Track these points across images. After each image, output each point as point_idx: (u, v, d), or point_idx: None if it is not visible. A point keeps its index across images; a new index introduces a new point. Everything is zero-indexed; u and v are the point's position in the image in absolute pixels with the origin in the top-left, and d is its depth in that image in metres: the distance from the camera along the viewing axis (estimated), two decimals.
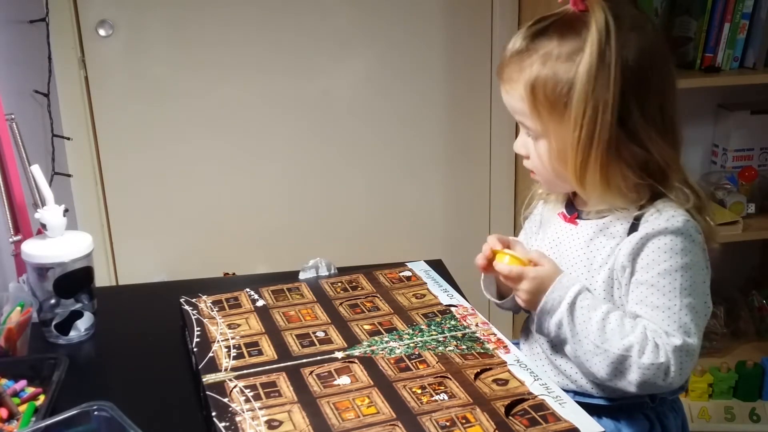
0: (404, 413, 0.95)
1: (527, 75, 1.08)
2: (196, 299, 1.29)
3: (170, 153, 2.39)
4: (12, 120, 1.44)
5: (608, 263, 1.11)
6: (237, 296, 1.29)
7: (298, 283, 1.35)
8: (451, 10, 2.40)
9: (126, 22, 2.28)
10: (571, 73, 1.04)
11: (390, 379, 1.03)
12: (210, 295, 1.30)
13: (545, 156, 1.12)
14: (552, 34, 1.07)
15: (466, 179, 2.54)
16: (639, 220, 1.10)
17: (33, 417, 1.01)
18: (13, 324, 1.17)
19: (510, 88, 1.12)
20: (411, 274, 1.37)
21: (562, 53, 1.05)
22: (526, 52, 1.08)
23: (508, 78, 1.11)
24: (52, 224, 1.24)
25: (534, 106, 1.08)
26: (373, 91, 2.43)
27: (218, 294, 1.30)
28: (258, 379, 1.04)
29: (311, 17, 2.34)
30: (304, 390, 1.01)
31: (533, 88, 1.07)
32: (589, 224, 1.16)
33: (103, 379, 1.16)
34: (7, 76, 1.70)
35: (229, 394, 1.00)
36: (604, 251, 1.12)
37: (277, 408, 0.97)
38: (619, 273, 1.10)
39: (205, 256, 2.44)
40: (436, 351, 1.10)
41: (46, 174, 1.69)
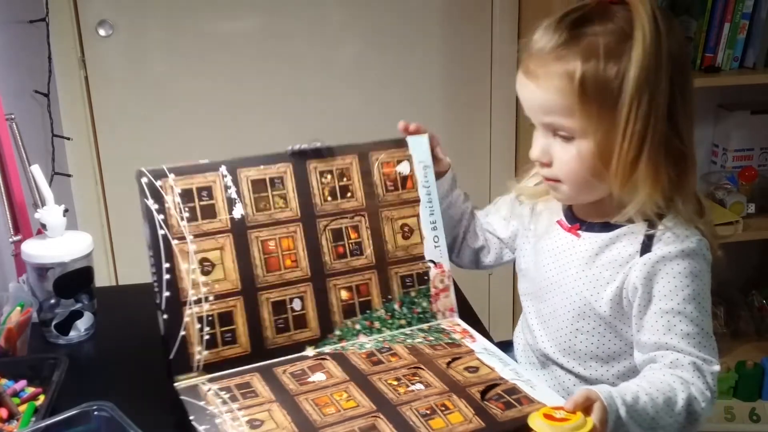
0: (384, 405, 0.96)
1: (572, 68, 1.00)
2: (161, 182, 1.19)
3: (170, 153, 2.38)
4: (12, 120, 1.44)
5: (616, 280, 1.07)
6: (210, 186, 1.15)
7: (283, 167, 1.19)
8: (451, 10, 2.39)
9: (126, 22, 2.28)
10: (622, 63, 0.99)
11: (364, 373, 1.03)
12: (178, 177, 1.18)
13: (585, 157, 1.03)
14: (591, 25, 1.01)
15: (466, 179, 2.53)
16: (651, 238, 1.06)
17: (33, 417, 1.01)
18: (13, 324, 1.17)
19: (545, 84, 1.03)
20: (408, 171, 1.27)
21: (610, 43, 0.99)
22: (565, 45, 1.01)
23: (544, 73, 1.02)
24: (52, 224, 1.24)
25: (583, 102, 1.00)
26: (372, 91, 2.43)
27: (187, 178, 1.18)
28: (232, 380, 1.03)
29: (311, 17, 2.34)
30: (280, 389, 1.01)
31: (582, 81, 0.99)
32: (594, 238, 1.11)
33: (103, 379, 1.16)
34: (7, 76, 1.70)
35: (205, 397, 0.99)
36: (611, 267, 1.08)
37: (256, 408, 0.97)
38: (630, 292, 1.06)
39: None
40: (405, 343, 1.11)
41: (46, 174, 1.68)
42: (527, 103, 1.08)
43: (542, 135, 1.08)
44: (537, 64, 1.03)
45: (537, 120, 1.08)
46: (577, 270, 1.12)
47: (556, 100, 1.02)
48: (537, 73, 1.03)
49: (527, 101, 1.07)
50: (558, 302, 1.14)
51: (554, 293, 1.15)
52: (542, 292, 1.17)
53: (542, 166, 1.10)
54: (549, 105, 1.04)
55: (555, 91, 1.02)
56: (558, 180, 1.08)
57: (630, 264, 1.06)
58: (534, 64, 1.04)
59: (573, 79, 1.00)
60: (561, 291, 1.14)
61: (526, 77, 1.05)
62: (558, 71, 1.01)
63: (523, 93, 1.07)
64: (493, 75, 2.43)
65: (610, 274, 1.08)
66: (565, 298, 1.13)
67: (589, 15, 1.02)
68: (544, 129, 1.07)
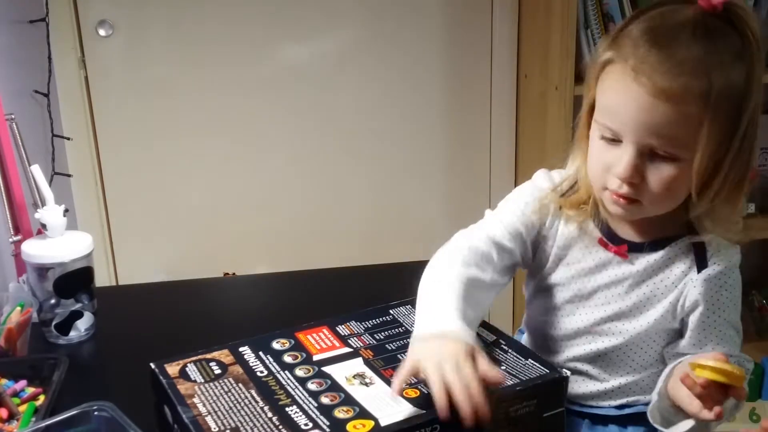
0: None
1: (706, 84, 0.93)
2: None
3: (170, 153, 2.40)
4: (12, 120, 1.44)
5: (669, 297, 1.08)
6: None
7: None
8: (451, 10, 2.39)
9: (126, 22, 2.28)
10: (742, 77, 0.95)
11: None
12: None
13: (685, 177, 0.98)
14: (711, 33, 0.95)
15: (466, 179, 2.54)
16: (702, 251, 1.06)
17: (33, 417, 1.01)
18: (13, 324, 1.17)
19: (678, 108, 0.94)
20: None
21: (728, 59, 0.94)
22: (696, 59, 0.94)
23: (679, 92, 0.93)
24: (52, 224, 1.24)
25: (713, 117, 0.94)
26: (373, 91, 2.43)
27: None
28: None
29: (312, 18, 2.34)
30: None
31: (717, 95, 0.93)
32: (646, 260, 1.08)
33: (103, 380, 1.16)
34: (7, 76, 1.70)
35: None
36: (663, 286, 1.08)
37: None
38: (686, 309, 1.07)
39: (206, 256, 2.44)
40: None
41: (46, 174, 1.68)
42: (642, 122, 0.96)
43: (637, 154, 0.98)
44: (672, 86, 0.94)
45: (639, 140, 0.97)
46: (624, 291, 1.10)
47: (683, 122, 0.95)
48: (669, 93, 0.94)
49: (642, 120, 0.96)
50: (597, 319, 1.13)
51: (594, 311, 1.13)
52: (577, 310, 1.14)
53: (628, 185, 1.00)
54: (674, 127, 0.96)
55: (685, 114, 0.95)
56: (638, 200, 1.01)
57: (685, 281, 1.07)
58: (668, 84, 0.94)
59: (709, 95, 0.94)
60: (603, 309, 1.12)
61: (655, 97, 0.94)
62: (693, 89, 0.93)
63: (639, 112, 0.96)
64: (493, 75, 2.43)
65: (662, 293, 1.08)
66: (607, 315, 1.12)
67: (694, 28, 0.95)
68: (643, 147, 0.98)
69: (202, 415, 0.89)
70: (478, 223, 1.16)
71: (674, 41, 0.95)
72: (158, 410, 0.98)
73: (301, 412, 0.90)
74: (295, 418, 0.88)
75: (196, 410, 0.90)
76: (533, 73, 2.29)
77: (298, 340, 1.06)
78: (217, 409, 0.90)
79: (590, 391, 1.15)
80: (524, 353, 1.00)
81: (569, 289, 1.14)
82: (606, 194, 1.04)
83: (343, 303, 1.16)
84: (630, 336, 1.11)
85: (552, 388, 0.94)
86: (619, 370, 1.14)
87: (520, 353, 1.00)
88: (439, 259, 1.09)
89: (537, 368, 0.96)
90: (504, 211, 1.15)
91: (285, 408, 0.90)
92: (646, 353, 1.12)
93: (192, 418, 0.88)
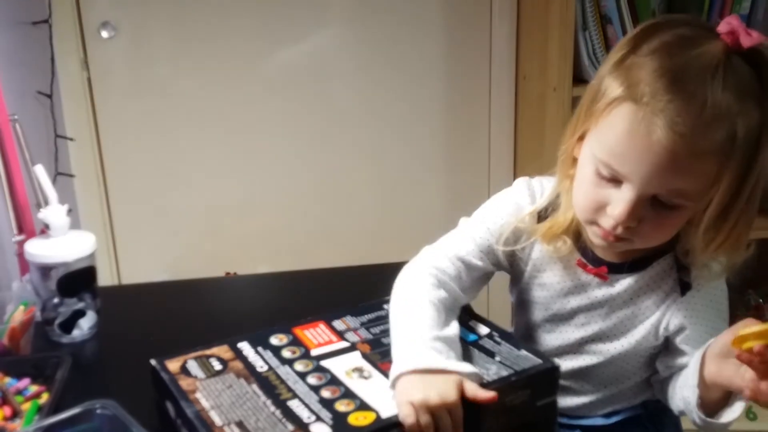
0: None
1: (730, 135, 0.87)
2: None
3: (173, 153, 2.40)
4: (15, 121, 1.44)
5: (650, 320, 1.06)
6: None
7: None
8: (450, 13, 2.40)
9: (128, 23, 2.29)
10: (758, 122, 0.89)
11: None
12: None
13: (683, 221, 0.96)
14: (736, 84, 0.88)
15: (466, 180, 2.54)
16: (685, 271, 1.03)
17: (36, 415, 1.01)
18: (17, 323, 1.17)
19: (709, 158, 0.88)
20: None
21: (751, 106, 0.89)
22: (718, 111, 0.87)
23: (695, 147, 0.87)
24: (55, 224, 1.25)
25: (730, 168, 0.89)
26: (373, 91, 2.43)
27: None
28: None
29: (314, 18, 2.35)
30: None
31: (739, 146, 0.88)
32: (627, 282, 1.05)
33: (106, 378, 1.17)
34: (10, 78, 1.71)
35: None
36: (645, 307, 1.06)
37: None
38: (672, 331, 1.05)
39: (208, 255, 2.45)
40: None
41: (50, 174, 1.68)
42: (654, 173, 0.89)
43: (638, 202, 0.92)
44: (698, 144, 0.87)
45: (646, 188, 0.91)
46: (605, 313, 1.08)
47: (700, 177, 0.90)
48: (693, 149, 0.87)
49: (654, 172, 0.89)
50: (578, 338, 1.12)
51: (574, 331, 1.12)
52: (557, 328, 1.13)
53: (623, 228, 0.95)
54: (689, 182, 0.90)
55: (704, 169, 0.89)
56: (629, 239, 0.97)
57: (667, 302, 1.05)
58: (693, 142, 0.87)
59: (733, 145, 0.88)
60: (584, 329, 1.11)
61: (675, 151, 0.87)
62: (717, 143, 0.87)
63: (653, 165, 0.89)
64: (492, 76, 2.43)
65: (645, 314, 1.07)
66: (588, 335, 1.11)
67: (728, 64, 0.89)
68: (647, 195, 0.92)
69: (206, 410, 0.90)
70: (447, 236, 1.13)
71: (700, 88, 0.87)
72: (159, 406, 0.99)
73: (303, 405, 0.91)
74: (298, 412, 0.90)
75: (199, 405, 0.91)
76: (532, 74, 2.29)
77: (296, 335, 1.06)
78: (221, 404, 0.91)
79: (575, 404, 1.15)
80: (517, 344, 1.01)
81: (547, 308, 1.12)
82: (594, 228, 0.99)
83: (344, 302, 1.16)
84: (611, 355, 1.10)
85: (544, 378, 0.96)
86: (603, 383, 1.13)
87: (513, 344, 1.01)
88: (407, 282, 1.06)
89: (530, 359, 0.98)
90: (477, 225, 1.12)
91: (287, 402, 0.91)
92: (630, 365, 1.12)
93: (196, 413, 0.89)
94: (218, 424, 0.88)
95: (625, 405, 1.15)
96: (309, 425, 0.87)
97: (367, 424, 0.87)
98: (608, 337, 1.09)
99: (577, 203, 1.00)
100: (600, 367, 1.12)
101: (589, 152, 0.96)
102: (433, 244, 1.12)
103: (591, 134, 0.96)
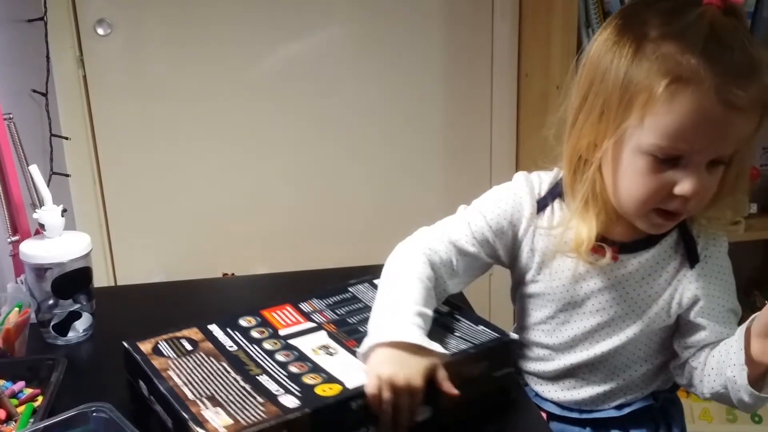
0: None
1: (764, 84, 0.94)
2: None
3: (169, 152, 2.39)
4: (10, 119, 1.43)
5: (663, 295, 1.08)
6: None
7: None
8: (452, 9, 2.39)
9: (124, 21, 2.28)
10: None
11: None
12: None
13: (741, 172, 1.01)
14: (748, 38, 0.95)
15: (467, 179, 2.53)
16: (691, 244, 1.06)
17: (31, 418, 1.00)
18: (11, 325, 1.17)
19: (749, 115, 0.94)
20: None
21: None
22: (753, 65, 0.93)
23: (750, 100, 0.92)
24: (50, 224, 1.24)
25: (763, 115, 0.96)
26: (373, 91, 2.43)
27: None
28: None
29: (312, 17, 2.34)
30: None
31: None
32: (637, 260, 1.07)
33: (101, 381, 1.16)
34: (5, 76, 1.69)
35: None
36: (657, 285, 1.08)
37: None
38: (684, 305, 1.07)
39: (204, 256, 2.44)
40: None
41: (45, 174, 1.68)
42: (718, 138, 0.94)
43: (703, 168, 0.96)
44: (743, 92, 0.91)
45: (714, 155, 0.95)
46: (619, 294, 1.09)
47: (748, 127, 0.95)
48: (745, 103, 0.92)
49: (718, 137, 0.94)
50: (594, 325, 1.12)
51: (589, 318, 1.12)
52: (571, 318, 1.13)
53: (692, 198, 0.97)
54: (740, 134, 0.95)
55: (751, 119, 0.95)
56: (682, 213, 1.00)
57: (678, 277, 1.07)
58: (741, 92, 0.91)
59: (765, 94, 0.94)
60: (598, 315, 1.11)
61: (734, 110, 0.92)
62: (760, 92, 0.93)
63: (717, 130, 0.93)
64: (493, 74, 2.43)
65: (657, 292, 1.08)
66: (603, 320, 1.11)
67: (729, 22, 0.94)
68: (710, 160, 0.96)
69: (179, 386, 0.93)
70: (444, 220, 1.16)
71: (731, 48, 0.92)
72: (131, 387, 1.03)
73: (272, 380, 0.95)
74: (267, 386, 0.94)
75: (172, 381, 0.94)
76: (534, 72, 2.28)
77: (264, 317, 1.11)
78: (192, 381, 0.95)
79: (589, 396, 1.15)
80: (476, 321, 1.08)
81: (559, 298, 1.11)
82: (651, 215, 1.00)
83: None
84: (627, 338, 1.10)
85: (501, 350, 1.03)
86: (617, 371, 1.14)
87: (473, 321, 1.08)
88: (399, 258, 1.11)
89: (487, 333, 1.04)
90: (473, 212, 1.13)
91: (256, 377, 0.96)
92: (642, 351, 1.13)
93: (169, 388, 0.93)
94: (190, 398, 0.91)
95: (637, 395, 1.15)
96: (278, 396, 0.91)
97: (334, 394, 0.91)
98: (622, 320, 1.10)
99: (633, 197, 1.00)
100: (612, 355, 1.12)
101: (635, 146, 0.97)
102: (430, 226, 1.16)
103: (636, 129, 0.96)
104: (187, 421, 0.87)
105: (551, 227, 1.09)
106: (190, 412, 0.88)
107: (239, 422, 0.86)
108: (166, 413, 0.92)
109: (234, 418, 0.87)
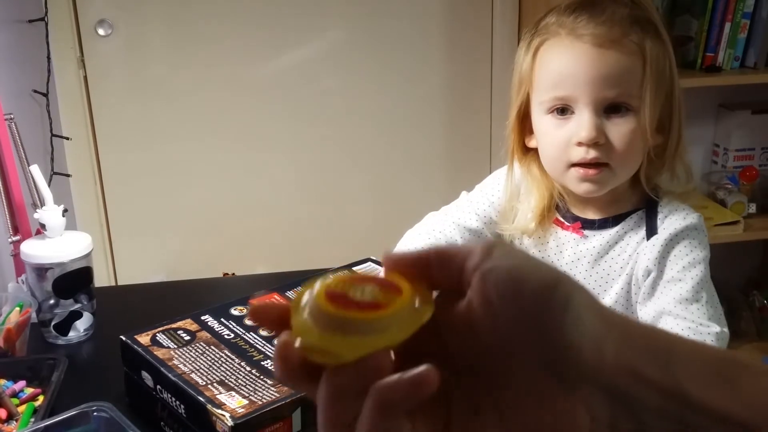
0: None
1: (643, 43, 1.02)
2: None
3: (169, 152, 2.39)
4: (11, 120, 1.43)
5: (626, 270, 1.09)
6: None
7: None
8: (452, 9, 2.39)
9: (125, 21, 2.28)
10: (663, 48, 1.04)
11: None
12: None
13: (641, 132, 1.04)
14: (625, 5, 1.04)
15: (467, 179, 2.53)
16: (653, 220, 1.08)
17: (32, 418, 1.00)
18: (12, 324, 1.16)
19: (624, 52, 1.01)
20: None
21: (649, 29, 1.04)
22: (634, 20, 1.03)
23: (622, 42, 1.01)
24: (51, 224, 1.24)
25: (650, 77, 1.02)
26: (373, 90, 2.43)
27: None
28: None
29: (312, 18, 2.34)
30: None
31: (650, 52, 1.02)
32: (601, 235, 1.11)
33: (102, 380, 1.16)
34: (6, 76, 1.70)
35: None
36: (620, 260, 1.10)
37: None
38: (640, 279, 1.08)
39: (205, 256, 2.44)
40: None
41: (45, 174, 1.68)
42: (593, 75, 1.02)
43: (594, 114, 1.03)
44: (612, 33, 1.01)
45: (595, 95, 1.02)
46: (585, 269, 1.12)
47: (630, 70, 1.02)
48: (614, 42, 1.01)
49: (593, 74, 1.02)
50: None
51: None
52: None
53: (593, 147, 1.04)
54: (623, 75, 1.02)
55: (630, 62, 1.02)
56: (606, 164, 1.04)
57: (637, 251, 1.09)
58: (608, 33, 1.01)
59: (643, 48, 1.02)
60: None
61: (600, 47, 1.01)
62: (634, 41, 1.02)
63: (589, 66, 1.02)
64: (493, 74, 2.43)
65: (621, 267, 1.10)
66: None
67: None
68: (598, 106, 1.03)
69: (187, 374, 0.93)
70: (450, 204, 1.25)
71: (599, 4, 1.03)
72: (130, 380, 1.03)
73: None
74: (274, 370, 0.92)
75: (179, 370, 0.94)
76: None
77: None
78: (199, 368, 0.94)
79: None
80: None
81: None
82: (572, 172, 1.06)
83: None
84: None
85: None
86: None
87: None
88: (405, 241, 1.20)
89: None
90: (476, 193, 1.24)
91: (261, 362, 0.96)
92: None
93: (179, 376, 0.93)
94: (201, 384, 0.91)
95: None
96: None
97: None
98: None
99: (548, 156, 1.09)
100: None
101: (537, 107, 1.07)
102: (437, 211, 1.24)
103: (533, 93, 1.08)
104: (205, 404, 0.87)
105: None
106: (205, 396, 0.89)
107: (255, 402, 0.87)
108: (178, 401, 0.92)
109: (249, 399, 0.88)
